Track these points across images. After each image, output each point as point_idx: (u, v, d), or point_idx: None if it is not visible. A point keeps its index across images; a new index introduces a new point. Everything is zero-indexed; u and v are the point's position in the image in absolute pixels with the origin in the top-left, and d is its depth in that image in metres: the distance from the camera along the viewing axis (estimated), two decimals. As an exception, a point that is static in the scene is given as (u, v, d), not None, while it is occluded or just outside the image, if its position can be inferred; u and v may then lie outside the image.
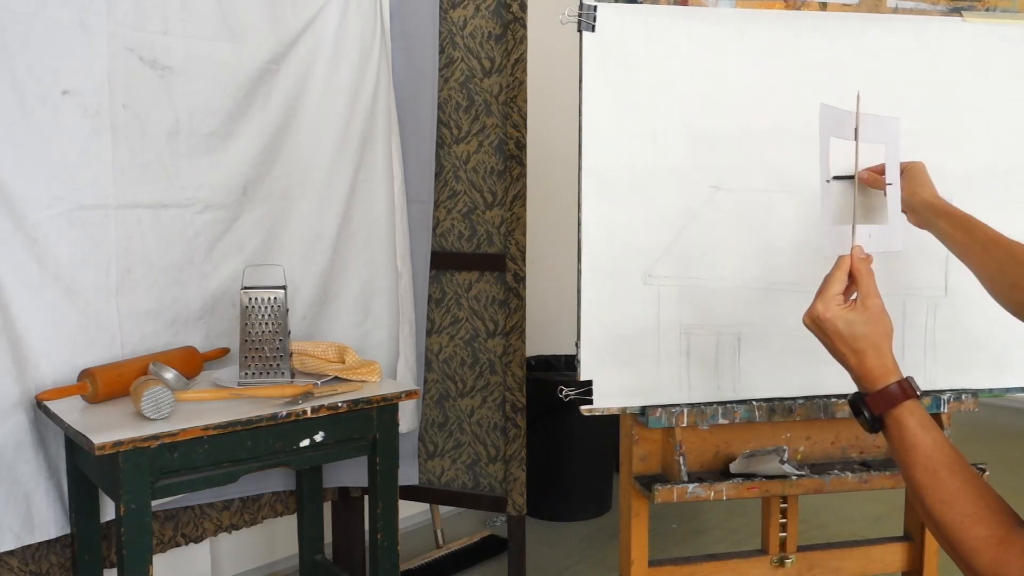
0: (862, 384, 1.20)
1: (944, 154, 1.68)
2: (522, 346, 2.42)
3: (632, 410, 1.64)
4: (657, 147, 1.61)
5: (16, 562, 1.90)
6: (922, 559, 1.88)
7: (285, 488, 2.40)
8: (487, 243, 2.47)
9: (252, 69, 2.18)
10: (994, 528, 1.02)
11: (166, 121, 2.05)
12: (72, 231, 1.91)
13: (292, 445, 1.87)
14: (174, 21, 2.04)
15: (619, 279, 1.61)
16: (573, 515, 3.39)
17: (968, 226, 1.34)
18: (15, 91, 1.81)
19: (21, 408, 1.85)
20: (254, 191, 2.22)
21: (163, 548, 2.19)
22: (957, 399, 1.72)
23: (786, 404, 1.67)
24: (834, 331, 1.21)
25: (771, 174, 1.64)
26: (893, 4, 1.68)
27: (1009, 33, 1.70)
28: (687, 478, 1.64)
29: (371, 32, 2.37)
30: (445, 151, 2.49)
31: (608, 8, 1.58)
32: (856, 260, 1.27)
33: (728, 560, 1.82)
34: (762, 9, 1.65)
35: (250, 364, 1.99)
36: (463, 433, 2.54)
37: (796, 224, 1.64)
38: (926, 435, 1.11)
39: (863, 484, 1.68)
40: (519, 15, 2.35)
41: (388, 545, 2.05)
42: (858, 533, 3.21)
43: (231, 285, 2.18)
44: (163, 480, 1.72)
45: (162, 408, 1.72)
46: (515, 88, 2.36)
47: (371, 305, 2.46)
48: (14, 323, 1.82)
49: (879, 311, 1.21)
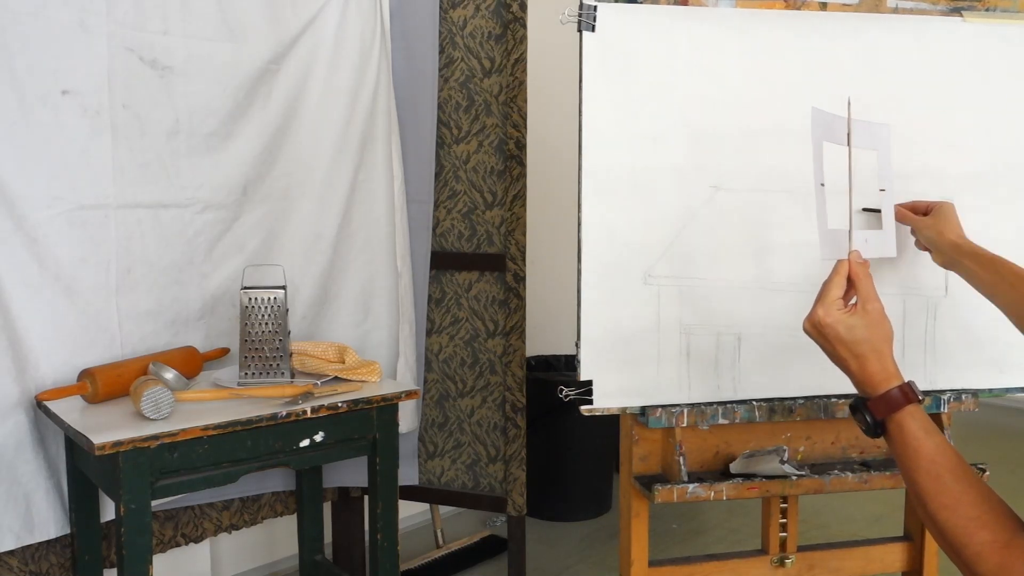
0: (863, 389, 1.20)
1: (944, 154, 1.68)
2: (522, 346, 2.42)
3: (632, 410, 1.64)
4: (657, 147, 1.61)
5: (16, 562, 1.90)
6: (922, 559, 1.88)
7: (285, 488, 2.40)
8: (487, 243, 2.47)
9: (252, 69, 2.18)
10: (998, 532, 1.02)
11: (166, 121, 2.05)
12: (72, 231, 1.91)
13: (292, 445, 1.87)
14: (174, 21, 2.04)
15: (619, 279, 1.61)
16: (573, 515, 3.39)
17: (995, 265, 1.33)
18: (15, 91, 1.81)
19: (21, 408, 1.85)
20: (254, 191, 2.22)
21: (163, 548, 2.19)
22: (957, 399, 1.72)
23: (786, 404, 1.67)
24: (835, 336, 1.21)
25: (771, 174, 1.64)
26: (893, 4, 1.68)
27: (1009, 33, 1.70)
28: (687, 478, 1.64)
29: (371, 32, 2.37)
30: (445, 151, 2.49)
31: (608, 8, 1.58)
32: (854, 264, 1.27)
33: (728, 560, 1.82)
34: (762, 9, 1.65)
35: (250, 364, 1.99)
36: (463, 433, 2.54)
37: (796, 224, 1.64)
38: (928, 439, 1.11)
39: (863, 484, 1.68)
40: (519, 15, 2.35)
41: (388, 545, 2.05)
42: (858, 533, 3.20)
43: (231, 285, 2.18)
44: (163, 480, 1.72)
45: (162, 408, 1.72)
46: (515, 88, 2.36)
47: (371, 305, 2.46)
48: (14, 323, 1.83)
49: (879, 315, 1.21)
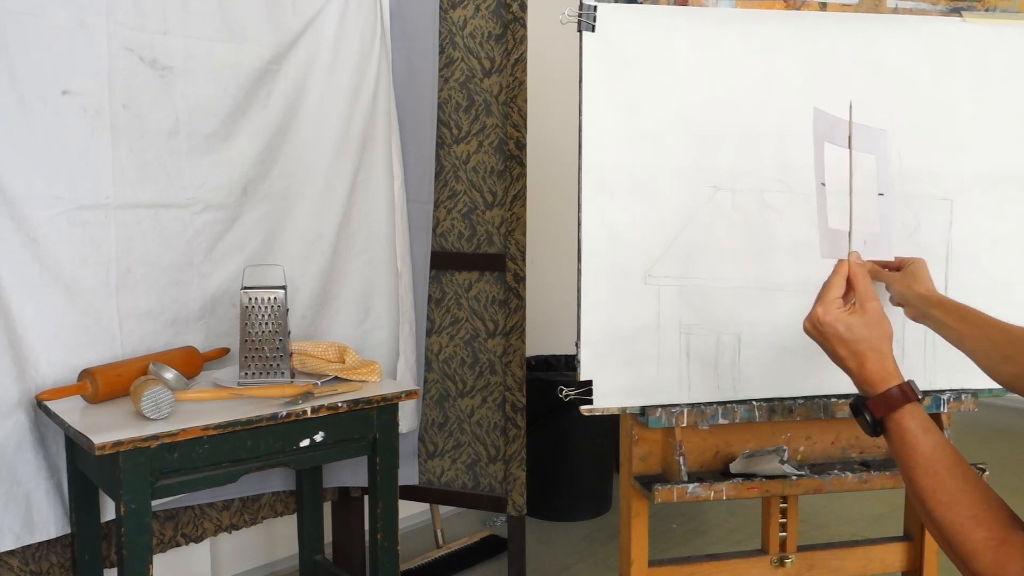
0: (863, 388, 1.20)
1: (943, 154, 1.68)
2: (522, 346, 2.42)
3: (632, 410, 1.64)
4: (657, 147, 1.61)
5: (16, 562, 1.90)
6: (922, 559, 1.88)
7: (285, 488, 2.41)
8: (487, 243, 2.47)
9: (252, 69, 2.18)
10: (994, 530, 1.02)
11: (166, 121, 2.05)
12: (72, 231, 1.91)
13: (292, 445, 1.87)
14: (174, 21, 2.04)
15: (619, 279, 1.61)
16: (573, 515, 3.39)
17: (962, 312, 1.32)
18: (15, 91, 1.81)
19: (21, 408, 1.85)
20: (254, 191, 2.23)
21: (163, 548, 2.19)
22: (957, 399, 1.72)
23: (786, 404, 1.67)
24: (835, 335, 1.21)
25: (771, 174, 1.64)
26: (893, 4, 1.68)
27: (1009, 33, 1.70)
28: (687, 478, 1.64)
29: (371, 32, 2.37)
30: (445, 151, 2.49)
31: (608, 8, 1.58)
32: (853, 265, 1.29)
33: (728, 560, 1.82)
34: (762, 9, 1.65)
35: (250, 364, 1.99)
36: (463, 433, 2.54)
37: (796, 224, 1.64)
38: (927, 438, 1.11)
39: (863, 484, 1.68)
40: (519, 15, 2.35)
41: (388, 545, 2.05)
42: (858, 533, 3.20)
43: (231, 285, 2.18)
44: (163, 480, 1.72)
45: (162, 408, 1.72)
46: (515, 88, 2.36)
47: (371, 305, 2.46)
48: (14, 323, 1.83)
49: (879, 314, 1.22)
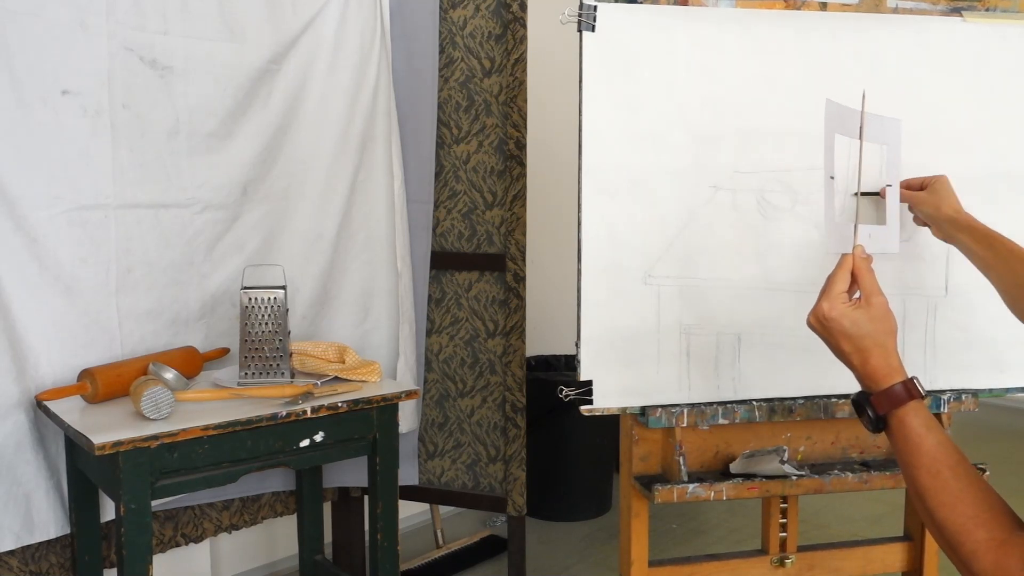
0: (866, 383, 1.19)
1: (943, 154, 1.68)
2: (522, 346, 2.42)
3: (632, 410, 1.64)
4: (657, 147, 1.61)
5: (16, 562, 1.90)
6: (922, 559, 1.88)
7: (285, 488, 2.40)
8: (487, 243, 2.47)
9: (252, 69, 2.18)
10: (994, 531, 1.02)
11: (166, 121, 2.05)
12: (72, 231, 1.91)
13: (292, 445, 1.87)
14: (174, 21, 2.04)
15: (619, 279, 1.61)
16: (573, 515, 3.39)
17: (990, 240, 1.32)
18: (15, 91, 1.81)
19: (21, 408, 1.85)
20: (254, 191, 2.23)
21: (163, 548, 2.19)
22: (957, 399, 1.72)
23: (786, 404, 1.67)
24: (839, 330, 1.20)
25: (771, 174, 1.64)
26: (893, 4, 1.68)
27: (1009, 33, 1.70)
28: (687, 478, 1.64)
29: (371, 32, 2.37)
30: (445, 151, 2.49)
31: (608, 8, 1.58)
32: (858, 259, 1.27)
33: (728, 560, 1.82)
34: (762, 9, 1.65)
35: (250, 364, 1.99)
36: (463, 433, 2.54)
37: (796, 224, 1.64)
38: (930, 436, 1.11)
39: (863, 484, 1.68)
40: (519, 15, 2.35)
41: (388, 545, 2.05)
42: (858, 533, 3.20)
43: (231, 285, 2.18)
44: (163, 480, 1.72)
45: (162, 408, 1.72)
46: (515, 88, 2.36)
47: (371, 305, 2.46)
48: (14, 323, 1.83)
49: (883, 309, 1.21)
